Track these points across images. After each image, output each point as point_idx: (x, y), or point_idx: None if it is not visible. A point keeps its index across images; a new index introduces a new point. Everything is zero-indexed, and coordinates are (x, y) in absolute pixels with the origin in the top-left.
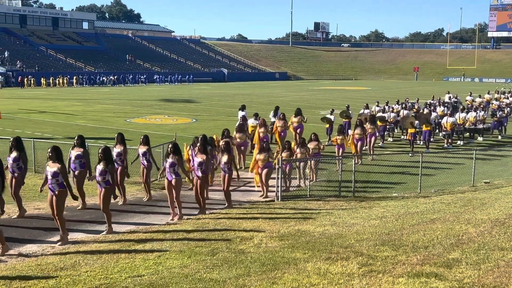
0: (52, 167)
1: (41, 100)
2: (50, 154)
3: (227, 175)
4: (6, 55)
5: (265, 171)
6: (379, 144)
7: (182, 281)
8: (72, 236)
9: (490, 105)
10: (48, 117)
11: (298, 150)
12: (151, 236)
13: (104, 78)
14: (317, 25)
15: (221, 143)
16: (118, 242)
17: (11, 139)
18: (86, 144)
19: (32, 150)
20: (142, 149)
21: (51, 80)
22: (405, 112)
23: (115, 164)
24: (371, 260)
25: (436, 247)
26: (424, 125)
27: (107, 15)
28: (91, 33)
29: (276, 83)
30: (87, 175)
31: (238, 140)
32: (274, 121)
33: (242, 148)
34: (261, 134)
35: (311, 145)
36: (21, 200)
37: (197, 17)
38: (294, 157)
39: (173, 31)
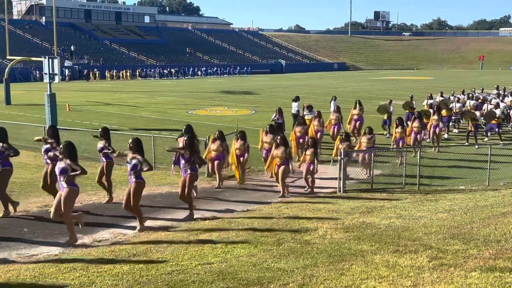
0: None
1: (106, 92)
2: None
3: (283, 166)
4: (72, 49)
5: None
6: (444, 136)
7: (251, 269)
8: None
9: None
10: (113, 109)
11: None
12: (217, 226)
13: (165, 70)
14: (377, 14)
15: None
16: (186, 231)
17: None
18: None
19: None
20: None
21: (114, 73)
22: (472, 102)
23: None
24: (441, 254)
25: (509, 241)
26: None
27: (167, 8)
28: (153, 26)
29: (335, 74)
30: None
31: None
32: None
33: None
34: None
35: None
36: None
37: (255, 8)
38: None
39: (232, 23)
